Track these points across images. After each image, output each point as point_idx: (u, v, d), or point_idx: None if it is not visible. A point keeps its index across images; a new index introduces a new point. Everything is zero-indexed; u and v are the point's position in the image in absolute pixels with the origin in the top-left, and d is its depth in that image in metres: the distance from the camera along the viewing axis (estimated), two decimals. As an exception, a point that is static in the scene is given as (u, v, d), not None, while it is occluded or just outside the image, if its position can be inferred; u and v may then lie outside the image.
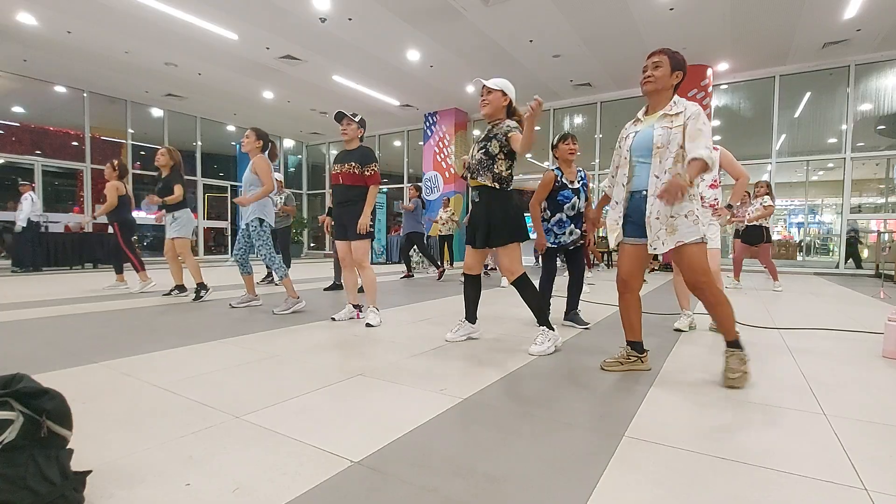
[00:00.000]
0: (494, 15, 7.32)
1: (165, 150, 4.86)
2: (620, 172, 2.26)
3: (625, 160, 2.23)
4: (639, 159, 2.18)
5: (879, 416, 1.75)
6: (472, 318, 3.01)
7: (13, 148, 10.66)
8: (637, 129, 2.22)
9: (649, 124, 2.16)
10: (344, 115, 3.54)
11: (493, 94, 2.72)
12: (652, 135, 2.11)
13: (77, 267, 9.17)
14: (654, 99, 2.19)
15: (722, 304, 2.13)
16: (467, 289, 2.99)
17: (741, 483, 1.25)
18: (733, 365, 2.08)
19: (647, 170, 2.14)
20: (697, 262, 2.09)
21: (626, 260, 2.28)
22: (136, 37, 8.16)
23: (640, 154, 2.17)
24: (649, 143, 2.12)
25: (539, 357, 2.58)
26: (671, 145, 2.06)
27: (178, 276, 4.96)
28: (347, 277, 3.74)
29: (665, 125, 2.09)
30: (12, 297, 4.89)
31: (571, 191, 3.40)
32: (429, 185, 12.82)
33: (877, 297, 5.52)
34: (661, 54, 2.14)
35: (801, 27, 7.65)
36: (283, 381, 2.09)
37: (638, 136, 2.19)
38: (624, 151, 2.24)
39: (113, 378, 2.12)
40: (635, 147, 2.19)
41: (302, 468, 1.30)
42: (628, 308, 2.31)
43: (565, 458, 1.38)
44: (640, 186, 2.18)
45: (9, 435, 1.00)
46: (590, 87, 10.69)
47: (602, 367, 2.33)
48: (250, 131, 4.13)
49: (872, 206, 14.30)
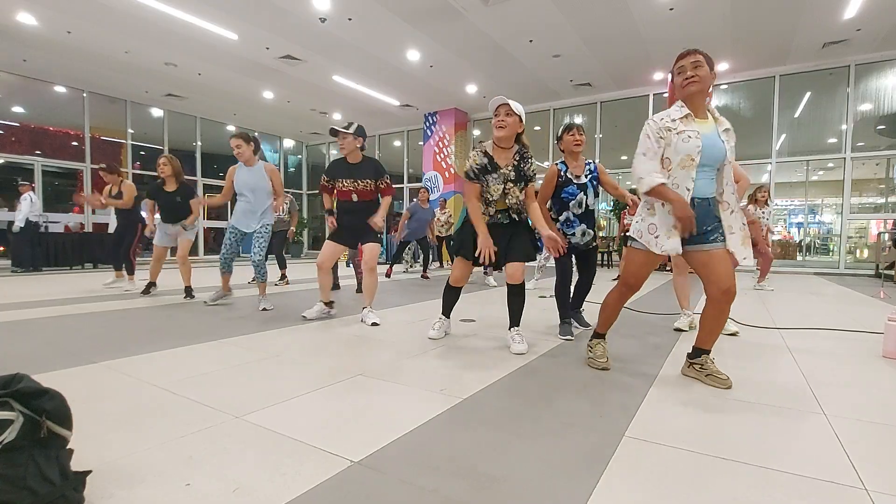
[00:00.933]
0: (494, 15, 7.32)
1: (167, 159, 4.81)
2: (684, 175, 2.03)
3: (692, 161, 2.01)
4: (703, 167, 2.05)
5: (879, 416, 1.75)
6: (448, 314, 3.09)
7: (13, 148, 10.65)
8: (696, 129, 2.04)
9: (711, 132, 2.06)
10: (337, 130, 3.48)
11: (512, 118, 2.65)
12: (723, 148, 2.05)
13: (77, 267, 9.16)
14: (698, 100, 2.09)
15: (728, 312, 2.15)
16: (448, 296, 3.04)
17: (741, 483, 1.25)
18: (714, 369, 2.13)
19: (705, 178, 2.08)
20: (731, 266, 2.09)
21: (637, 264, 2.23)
22: (136, 37, 8.16)
23: (706, 162, 2.05)
24: (719, 155, 2.05)
25: (538, 357, 2.58)
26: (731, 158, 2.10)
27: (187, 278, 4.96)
28: (323, 279, 3.71)
29: (726, 140, 2.08)
30: (12, 297, 4.89)
31: (577, 186, 3.13)
32: (429, 185, 12.82)
33: (877, 297, 5.52)
34: (698, 54, 2.06)
35: (801, 27, 7.65)
36: (283, 381, 2.09)
37: (707, 143, 2.02)
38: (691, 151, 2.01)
39: (113, 378, 2.12)
40: (705, 154, 2.03)
41: (302, 468, 1.30)
42: (619, 306, 2.36)
43: (565, 458, 1.38)
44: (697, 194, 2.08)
45: (9, 435, 1.00)
46: (590, 87, 10.69)
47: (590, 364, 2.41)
48: (239, 140, 4.08)
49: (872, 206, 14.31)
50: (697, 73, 2.03)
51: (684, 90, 2.07)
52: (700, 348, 2.19)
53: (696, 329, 3.41)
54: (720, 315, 2.13)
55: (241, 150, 4.09)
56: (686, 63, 2.06)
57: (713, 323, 2.15)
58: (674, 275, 3.51)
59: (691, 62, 2.05)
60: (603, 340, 2.45)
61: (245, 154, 4.10)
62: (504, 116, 2.64)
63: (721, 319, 2.14)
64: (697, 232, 2.08)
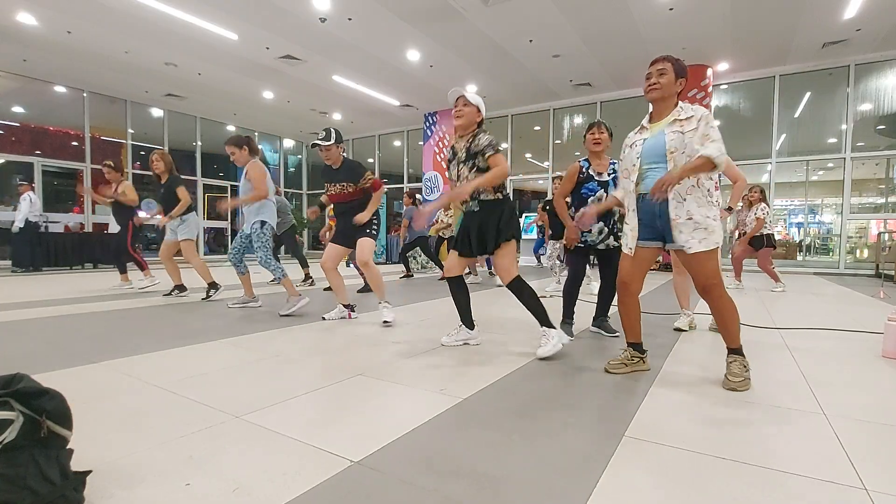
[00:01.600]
0: (494, 15, 7.32)
1: (159, 155, 4.82)
2: (626, 182, 2.25)
3: (633, 167, 2.20)
4: (650, 165, 2.15)
5: (879, 416, 1.75)
6: (469, 325, 2.90)
7: (13, 148, 10.65)
8: (644, 136, 2.21)
9: (659, 130, 2.15)
10: (318, 145, 3.54)
11: (469, 108, 2.72)
12: (663, 140, 2.09)
13: (77, 267, 9.16)
14: (660, 106, 2.18)
15: (728, 310, 2.12)
16: (455, 294, 2.89)
17: (741, 483, 1.25)
18: (736, 370, 2.08)
19: (656, 176, 2.11)
20: (711, 266, 2.09)
21: (627, 262, 2.27)
22: (136, 37, 8.16)
23: (650, 160, 2.15)
24: (661, 149, 2.10)
25: (539, 357, 2.58)
26: (687, 149, 2.04)
27: (175, 276, 4.96)
28: (332, 280, 3.72)
29: (676, 129, 2.07)
30: (12, 297, 4.89)
31: (598, 183, 3.06)
32: (429, 185, 12.82)
33: (877, 297, 5.52)
34: (665, 62, 2.13)
35: (801, 27, 7.65)
36: (283, 381, 2.09)
37: (648, 143, 2.17)
38: (633, 159, 2.21)
39: (113, 378, 2.12)
40: (645, 154, 2.17)
41: (302, 468, 1.30)
42: (628, 311, 2.31)
43: (565, 458, 1.38)
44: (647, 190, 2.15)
45: (9, 435, 1.00)
46: (590, 87, 10.69)
47: (606, 369, 2.32)
48: (232, 148, 4.06)
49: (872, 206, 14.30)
50: (660, 81, 2.13)
51: (646, 96, 2.19)
52: (729, 348, 2.16)
53: (695, 329, 3.42)
54: (715, 312, 2.14)
55: (236, 157, 4.10)
56: (653, 70, 2.16)
57: (717, 320, 2.17)
58: (674, 274, 3.51)
59: (657, 69, 2.14)
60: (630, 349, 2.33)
61: (241, 159, 4.10)
62: (461, 107, 2.74)
63: (720, 316, 2.14)
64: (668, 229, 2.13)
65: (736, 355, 2.12)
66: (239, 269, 4.28)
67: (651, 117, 2.24)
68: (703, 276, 2.09)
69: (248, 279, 4.33)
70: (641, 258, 2.24)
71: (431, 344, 2.88)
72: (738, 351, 2.13)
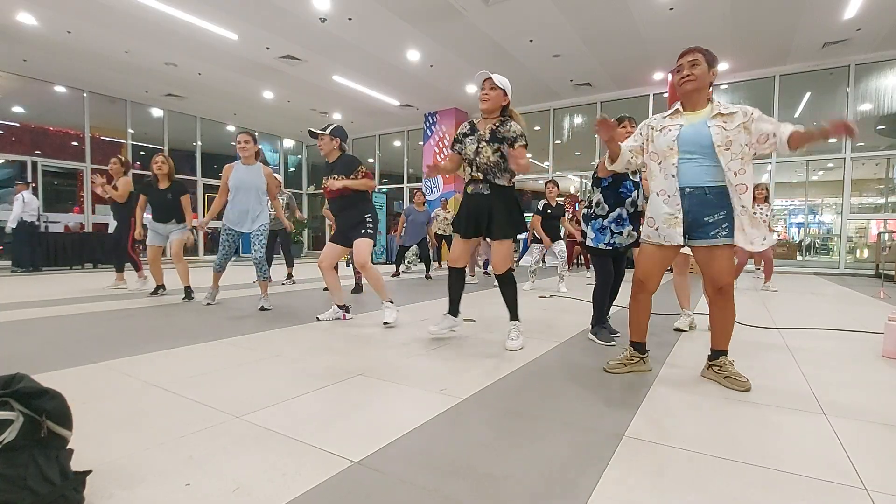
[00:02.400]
0: (494, 15, 7.32)
1: (165, 158, 4.83)
2: (668, 163, 2.11)
3: (671, 150, 2.10)
4: (686, 155, 2.07)
5: (879, 416, 1.75)
6: (454, 312, 3.03)
7: (13, 148, 10.65)
8: (679, 122, 2.11)
9: (700, 120, 2.07)
10: (315, 133, 3.58)
11: (495, 92, 2.75)
12: (707, 133, 2.02)
13: (77, 267, 9.16)
14: (694, 98, 2.11)
15: (733, 312, 2.12)
16: (453, 282, 3.01)
17: (741, 483, 1.25)
18: (736, 371, 2.09)
19: (693, 167, 2.06)
20: (729, 264, 2.07)
21: (647, 260, 2.22)
22: (136, 37, 8.16)
23: (687, 150, 2.07)
24: (703, 141, 2.03)
25: (538, 357, 2.58)
26: (732, 146, 1.99)
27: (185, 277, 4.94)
28: (329, 280, 3.71)
29: (719, 124, 2.02)
30: (12, 297, 4.89)
31: (633, 183, 2.89)
32: (429, 185, 12.82)
33: (877, 297, 5.52)
34: (696, 52, 2.07)
35: (801, 27, 7.65)
36: (283, 381, 2.09)
37: (687, 131, 2.07)
38: (669, 142, 2.10)
39: (113, 378, 2.12)
40: (683, 141, 2.07)
41: (302, 468, 1.30)
42: (640, 309, 2.28)
43: (565, 458, 1.38)
44: (686, 183, 2.08)
45: (9, 435, 1.00)
46: (590, 87, 10.69)
47: (606, 369, 2.31)
48: (248, 137, 4.14)
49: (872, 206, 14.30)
50: (693, 72, 2.07)
51: (681, 88, 2.12)
52: (716, 350, 2.16)
53: (695, 329, 3.42)
54: (721, 313, 2.12)
55: (248, 147, 4.12)
56: (684, 62, 2.10)
57: (719, 322, 2.15)
58: (674, 274, 3.51)
59: (689, 61, 2.09)
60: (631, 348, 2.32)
61: (249, 150, 4.13)
62: (488, 90, 2.75)
63: (725, 317, 2.12)
64: (696, 225, 2.07)
65: (725, 357, 2.15)
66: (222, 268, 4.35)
67: (684, 106, 2.16)
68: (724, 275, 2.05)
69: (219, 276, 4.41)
70: (660, 256, 2.18)
71: (431, 344, 2.88)
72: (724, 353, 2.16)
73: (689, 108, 2.15)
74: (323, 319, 3.65)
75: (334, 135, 3.59)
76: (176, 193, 4.79)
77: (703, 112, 2.10)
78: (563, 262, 6.02)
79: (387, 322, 3.42)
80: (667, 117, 2.20)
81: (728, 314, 2.12)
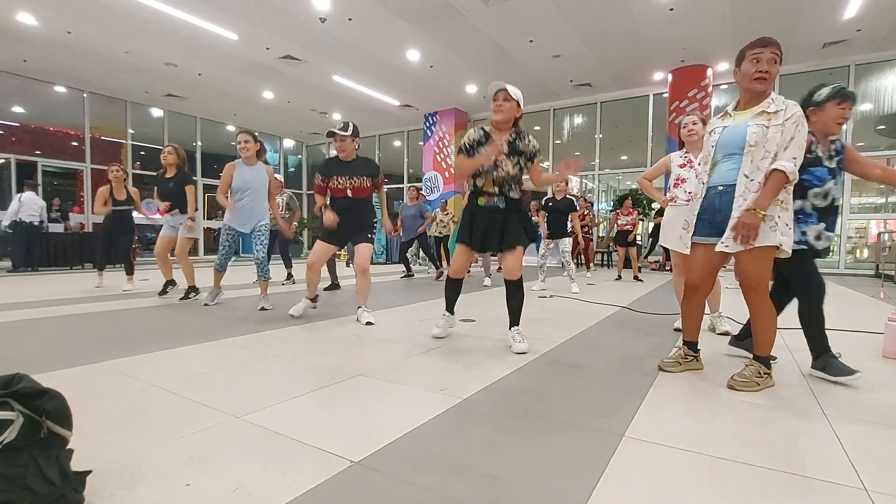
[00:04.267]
0: (494, 15, 7.32)
1: (172, 148, 4.80)
2: (702, 169, 2.16)
3: (708, 156, 2.12)
4: (725, 155, 2.06)
5: (879, 416, 1.75)
6: (451, 311, 3.06)
7: (13, 148, 10.65)
8: (726, 124, 2.10)
9: (743, 120, 2.02)
10: (334, 132, 3.53)
11: (510, 103, 2.71)
12: (745, 132, 1.97)
13: (77, 267, 9.16)
14: (754, 96, 2.02)
15: (764, 315, 2.06)
16: (449, 291, 3.03)
17: (741, 483, 1.25)
18: (748, 374, 2.05)
19: (729, 166, 2.05)
20: (757, 267, 1.99)
21: (697, 262, 2.19)
22: (136, 37, 8.16)
23: (727, 150, 2.05)
24: (741, 141, 1.98)
25: (538, 357, 2.58)
26: (769, 144, 1.91)
27: (167, 272, 4.93)
28: (311, 277, 3.70)
29: (761, 122, 1.94)
30: (12, 297, 4.89)
31: (827, 171, 2.25)
32: (429, 185, 12.83)
33: (877, 297, 5.52)
34: (778, 48, 1.94)
35: (801, 27, 7.65)
36: (283, 381, 2.09)
37: (727, 132, 2.06)
38: (708, 147, 2.12)
39: (113, 378, 2.12)
40: (722, 143, 2.06)
41: (302, 468, 1.30)
42: (694, 311, 2.31)
43: (565, 458, 1.38)
44: (718, 182, 2.07)
45: (9, 435, 1.00)
46: (590, 87, 10.69)
47: (660, 366, 2.34)
48: (249, 136, 4.13)
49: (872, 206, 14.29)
50: (770, 70, 1.94)
51: (752, 84, 1.97)
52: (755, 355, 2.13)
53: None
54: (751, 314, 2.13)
55: (249, 147, 4.11)
56: (765, 54, 1.94)
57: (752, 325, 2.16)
58: (674, 275, 3.51)
59: (772, 54, 1.94)
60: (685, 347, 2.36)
61: (250, 150, 4.12)
62: (502, 101, 2.71)
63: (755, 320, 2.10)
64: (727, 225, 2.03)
65: (759, 363, 2.08)
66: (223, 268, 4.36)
67: (738, 104, 2.10)
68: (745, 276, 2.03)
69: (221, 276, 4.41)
70: (708, 257, 2.15)
71: (431, 344, 2.88)
72: (761, 359, 2.08)
73: (743, 105, 2.07)
74: (296, 314, 3.68)
75: (354, 135, 3.59)
76: (178, 183, 4.76)
77: (751, 111, 2.01)
78: (567, 262, 5.94)
79: (370, 322, 3.44)
80: (719, 118, 2.18)
81: (758, 317, 2.08)
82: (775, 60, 1.95)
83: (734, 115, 2.10)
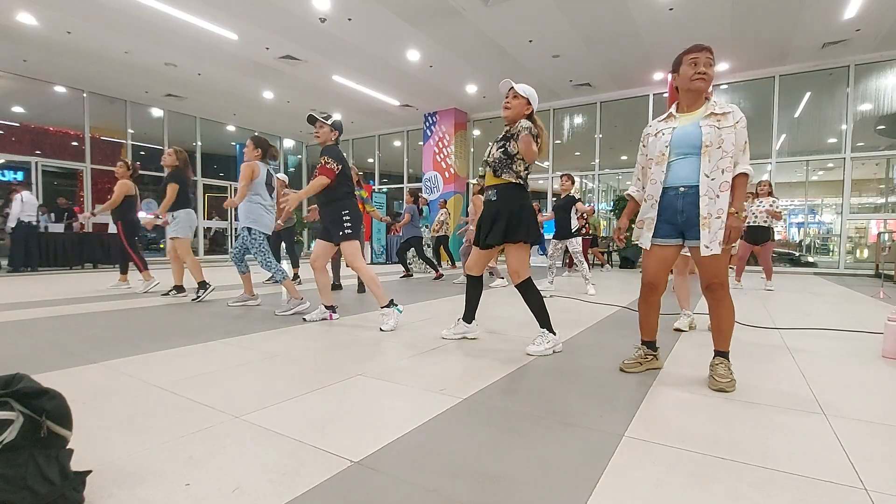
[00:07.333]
0: (494, 15, 7.32)
1: (172, 151, 4.86)
2: (657, 170, 2.16)
3: (662, 156, 2.14)
4: (678, 156, 2.10)
5: (879, 416, 1.75)
6: (469, 319, 3.00)
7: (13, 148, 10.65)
8: (673, 125, 2.15)
9: (691, 122, 2.09)
10: (315, 118, 3.49)
11: (518, 101, 2.69)
12: (698, 133, 2.04)
13: (77, 267, 9.16)
14: (695, 97, 2.13)
15: (728, 312, 2.10)
16: (469, 289, 2.99)
17: (741, 483, 1.25)
18: (722, 371, 2.07)
19: (686, 166, 2.08)
20: (723, 264, 2.07)
21: (653, 262, 2.22)
22: (136, 37, 8.16)
23: (680, 151, 2.09)
24: (695, 141, 2.05)
25: (539, 357, 2.58)
26: (725, 144, 2.00)
27: (178, 276, 4.95)
28: (319, 279, 3.65)
29: (712, 123, 2.02)
30: (12, 297, 4.89)
31: None
32: (429, 185, 12.82)
33: (877, 297, 5.52)
34: (712, 53, 2.07)
35: (801, 27, 7.65)
36: (283, 381, 2.09)
37: (678, 133, 2.11)
38: (661, 147, 2.14)
39: (113, 378, 2.12)
40: (676, 143, 2.11)
41: (302, 468, 1.30)
42: (651, 311, 2.33)
43: (565, 458, 1.38)
44: (677, 182, 2.11)
45: (9, 435, 1.00)
46: (589, 87, 10.69)
47: (622, 368, 2.33)
48: (249, 140, 4.18)
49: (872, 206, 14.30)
50: (708, 72, 2.07)
51: (692, 84, 2.09)
52: (714, 350, 2.15)
53: (695, 329, 3.42)
54: (713, 312, 2.13)
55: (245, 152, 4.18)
56: (701, 57, 2.07)
57: (713, 322, 2.14)
58: (674, 275, 3.51)
59: (708, 58, 2.07)
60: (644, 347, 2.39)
61: (247, 156, 4.15)
62: (510, 98, 2.71)
63: (718, 317, 2.12)
64: (690, 224, 2.09)
65: (723, 358, 2.12)
66: (240, 268, 4.30)
67: (679, 107, 2.18)
68: (712, 275, 2.07)
69: (248, 278, 4.37)
70: (664, 257, 2.19)
71: (432, 344, 2.88)
72: (725, 354, 2.13)
73: (686, 107, 2.16)
74: (309, 320, 3.60)
75: (334, 127, 3.54)
76: (166, 181, 4.80)
77: (698, 112, 2.11)
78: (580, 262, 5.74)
79: (382, 329, 3.27)
80: (661, 121, 2.23)
81: (721, 314, 2.11)
82: (711, 63, 2.08)
83: (679, 116, 2.18)
